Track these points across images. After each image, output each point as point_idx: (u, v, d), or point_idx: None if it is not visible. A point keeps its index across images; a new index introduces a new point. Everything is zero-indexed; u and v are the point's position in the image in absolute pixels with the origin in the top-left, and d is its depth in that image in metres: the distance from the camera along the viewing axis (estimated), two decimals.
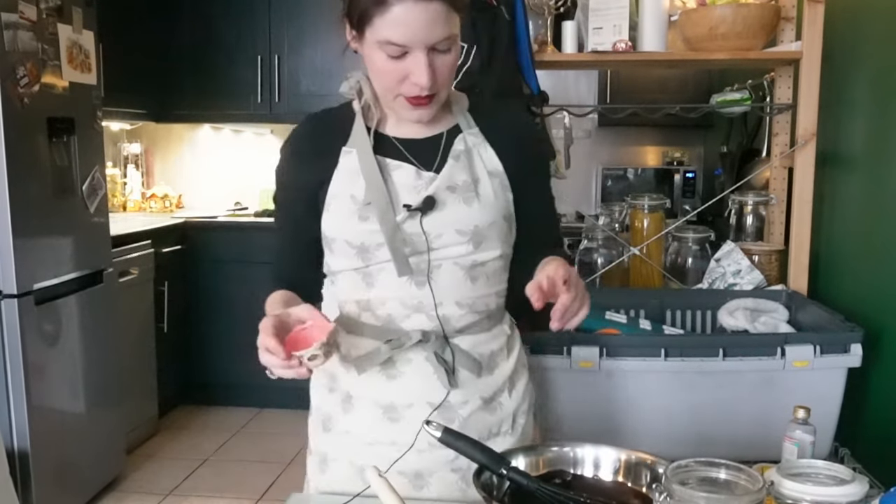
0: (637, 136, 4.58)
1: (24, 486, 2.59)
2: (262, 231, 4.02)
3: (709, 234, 2.27)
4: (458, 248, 1.18)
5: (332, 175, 1.19)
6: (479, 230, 1.18)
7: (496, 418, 1.25)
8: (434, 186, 1.17)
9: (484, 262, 1.21)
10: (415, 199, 1.16)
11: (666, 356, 1.58)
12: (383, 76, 1.13)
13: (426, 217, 1.16)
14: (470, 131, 1.23)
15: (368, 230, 1.16)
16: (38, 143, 2.69)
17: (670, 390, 1.60)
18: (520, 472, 1.07)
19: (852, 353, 1.59)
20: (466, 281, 1.20)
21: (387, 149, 1.20)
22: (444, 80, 1.13)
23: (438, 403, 1.20)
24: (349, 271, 1.22)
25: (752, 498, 0.89)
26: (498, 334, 1.27)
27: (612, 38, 1.99)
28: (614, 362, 1.58)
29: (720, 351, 1.59)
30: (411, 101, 1.13)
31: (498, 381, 1.26)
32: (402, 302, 1.20)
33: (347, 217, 1.17)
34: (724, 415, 1.61)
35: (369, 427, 1.22)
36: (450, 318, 1.20)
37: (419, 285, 1.18)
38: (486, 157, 1.22)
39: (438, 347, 1.20)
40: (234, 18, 4.18)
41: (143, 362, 3.61)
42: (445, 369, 1.19)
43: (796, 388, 1.58)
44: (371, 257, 1.18)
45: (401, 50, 1.08)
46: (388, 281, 1.19)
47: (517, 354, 1.31)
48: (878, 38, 1.82)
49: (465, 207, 1.17)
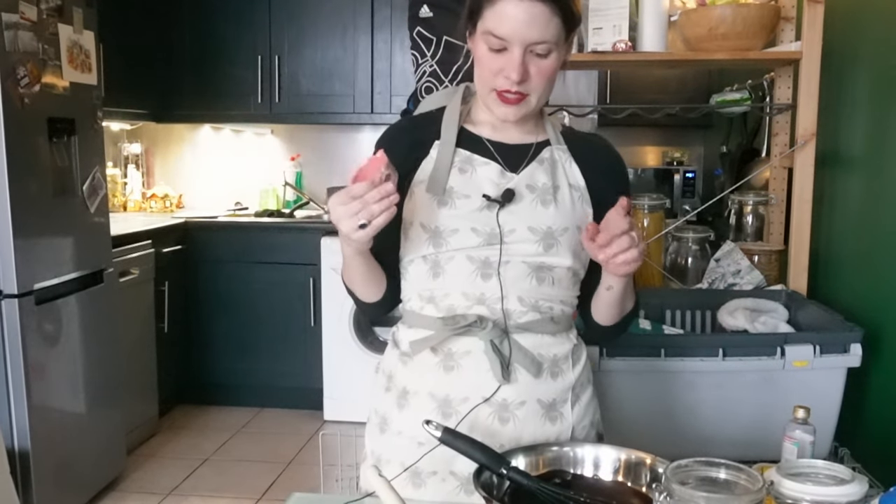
0: (637, 136, 4.58)
1: (24, 486, 2.60)
2: (262, 231, 4.03)
3: (709, 234, 2.27)
4: (529, 247, 1.20)
5: (420, 165, 1.24)
6: (552, 233, 1.21)
7: (555, 429, 1.23)
8: (515, 182, 1.21)
9: (552, 267, 1.22)
10: (496, 192, 1.20)
11: (666, 356, 1.58)
12: (482, 66, 1.19)
13: (503, 210, 1.19)
14: (559, 147, 1.27)
15: (445, 214, 1.19)
16: (39, 143, 2.69)
17: (670, 390, 1.60)
18: (520, 472, 1.07)
19: (852, 353, 1.59)
20: (532, 280, 1.21)
21: (477, 147, 1.25)
22: (536, 83, 1.17)
23: (489, 396, 1.19)
24: (419, 259, 1.23)
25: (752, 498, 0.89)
26: (563, 341, 1.26)
27: (612, 38, 1.99)
28: (614, 362, 1.58)
29: (720, 351, 1.59)
30: (501, 97, 1.18)
31: (559, 388, 1.24)
32: (465, 293, 1.20)
33: (428, 202, 1.20)
34: (724, 415, 1.61)
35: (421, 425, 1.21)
36: (512, 312, 1.21)
37: (485, 277, 1.20)
38: (570, 171, 1.26)
39: (496, 337, 1.19)
40: (234, 18, 4.18)
41: (143, 362, 3.61)
42: (501, 361, 1.18)
43: (796, 388, 1.58)
44: (443, 243, 1.20)
45: (501, 43, 1.14)
46: (455, 270, 1.20)
47: (583, 365, 1.29)
48: (878, 38, 1.82)
49: (541, 208, 1.21)
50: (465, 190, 1.21)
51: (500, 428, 1.20)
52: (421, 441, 1.20)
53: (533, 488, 1.05)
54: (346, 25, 4.14)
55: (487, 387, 1.19)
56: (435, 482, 1.23)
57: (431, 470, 1.22)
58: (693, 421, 1.60)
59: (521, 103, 1.18)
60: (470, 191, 1.20)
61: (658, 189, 4.26)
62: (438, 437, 1.09)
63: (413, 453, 1.21)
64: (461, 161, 1.23)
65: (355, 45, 4.14)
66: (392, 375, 1.28)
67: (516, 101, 1.18)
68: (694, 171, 4.34)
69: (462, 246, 1.19)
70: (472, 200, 1.20)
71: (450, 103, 1.29)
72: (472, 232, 1.19)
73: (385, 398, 1.28)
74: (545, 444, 1.18)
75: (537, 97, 1.19)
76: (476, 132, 1.26)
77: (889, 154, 1.74)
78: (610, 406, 1.60)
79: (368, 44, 4.13)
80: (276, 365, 3.99)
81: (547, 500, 1.04)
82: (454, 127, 1.25)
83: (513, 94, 1.17)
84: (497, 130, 1.26)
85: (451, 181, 1.21)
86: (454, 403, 1.21)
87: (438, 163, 1.22)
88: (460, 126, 1.25)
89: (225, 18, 4.19)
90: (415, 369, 1.24)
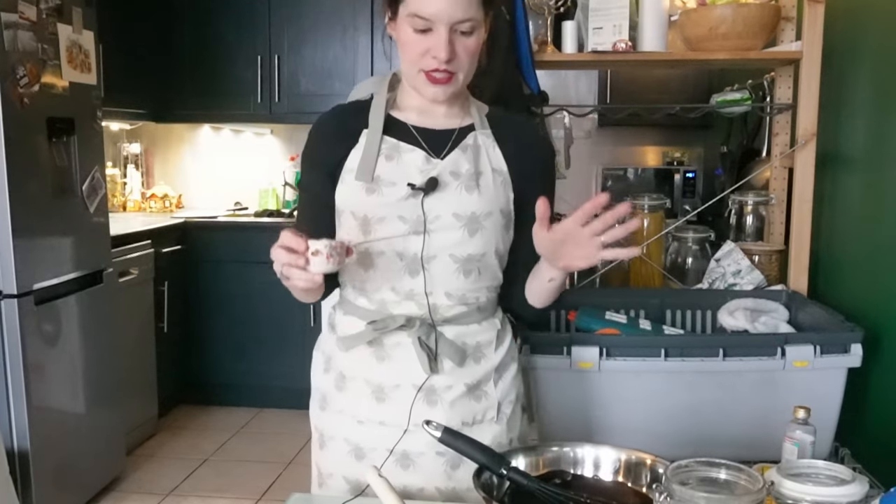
0: (637, 136, 4.58)
1: (24, 486, 2.60)
2: (262, 231, 4.03)
3: (709, 234, 2.27)
4: (454, 234, 1.24)
5: (350, 154, 1.27)
6: (476, 218, 1.24)
7: (481, 406, 1.30)
8: (438, 169, 1.24)
9: (478, 257, 1.26)
10: (420, 179, 1.23)
11: (666, 356, 1.58)
12: (408, 49, 1.21)
13: (427, 197, 1.22)
14: (483, 132, 1.30)
15: (373, 203, 1.23)
16: (38, 143, 2.69)
17: (670, 390, 1.60)
18: (520, 472, 1.07)
19: (852, 354, 1.59)
20: (459, 274, 1.26)
21: (403, 133, 1.28)
22: (462, 61, 1.21)
23: (420, 385, 1.26)
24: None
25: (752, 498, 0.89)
26: (488, 327, 1.32)
27: (612, 38, 1.99)
28: (614, 362, 1.58)
29: (720, 351, 1.58)
30: (429, 77, 1.21)
31: (483, 371, 1.31)
32: (394, 289, 1.26)
33: (356, 190, 1.24)
34: (724, 415, 1.60)
35: (360, 406, 1.29)
36: (439, 307, 1.27)
37: (412, 274, 1.25)
38: (492, 156, 1.29)
39: (423, 333, 1.26)
40: (234, 18, 4.18)
41: (143, 362, 3.61)
42: (427, 355, 1.25)
43: (796, 388, 1.58)
44: (371, 231, 1.24)
45: (426, 24, 1.17)
46: (384, 266, 1.25)
47: (507, 347, 1.36)
48: (878, 38, 1.82)
49: (465, 194, 1.24)
50: (392, 177, 1.24)
51: (428, 410, 1.27)
52: (360, 419, 1.29)
53: (533, 488, 1.05)
54: (345, 25, 4.14)
55: (417, 375, 1.27)
56: (425, 462, 1.27)
57: (419, 451, 1.27)
58: (693, 421, 1.60)
59: (450, 82, 1.21)
60: (396, 178, 1.24)
61: (658, 189, 4.26)
62: (438, 437, 1.10)
63: (354, 430, 1.30)
64: (388, 148, 1.26)
65: (355, 45, 4.14)
66: (330, 358, 1.35)
67: (445, 81, 1.21)
68: (694, 171, 4.34)
69: (389, 234, 1.24)
70: (398, 188, 1.23)
71: (377, 91, 1.31)
72: (398, 220, 1.23)
73: (325, 378, 1.35)
74: (545, 444, 1.18)
75: (464, 75, 1.23)
76: (402, 118, 1.29)
77: (889, 154, 1.74)
78: (610, 406, 1.60)
79: (368, 44, 4.12)
80: (276, 365, 3.99)
81: (547, 500, 1.04)
82: (381, 114, 1.28)
83: (441, 73, 1.20)
84: (423, 115, 1.29)
85: (379, 169, 1.24)
86: (387, 389, 1.28)
87: (366, 151, 1.25)
88: (387, 113, 1.29)
89: (225, 18, 4.18)
90: (350, 356, 1.31)
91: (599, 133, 4.54)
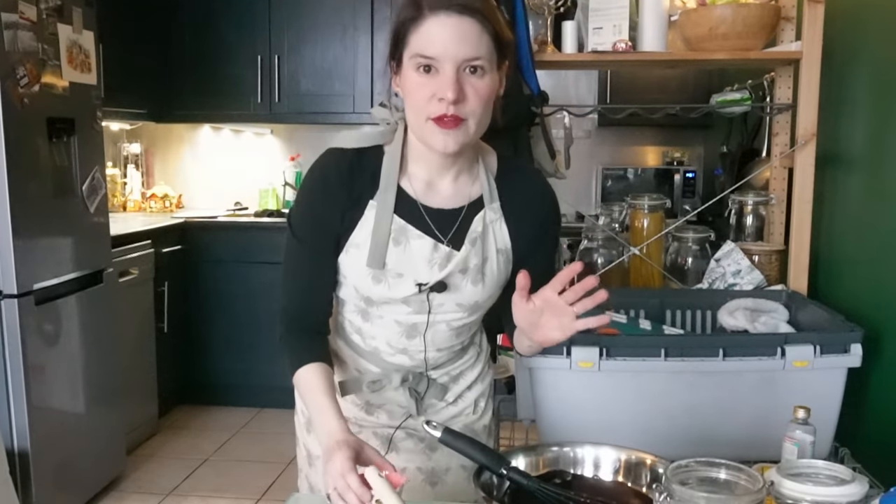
0: (637, 136, 4.58)
1: (24, 486, 2.60)
2: (262, 231, 4.03)
3: (709, 234, 2.27)
4: (455, 315, 1.28)
5: (357, 225, 1.21)
6: (478, 305, 1.28)
7: (458, 408, 1.39)
8: (447, 271, 1.21)
9: (471, 323, 1.33)
10: (428, 271, 1.21)
11: (666, 356, 1.58)
12: (413, 95, 1.13)
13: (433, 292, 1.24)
14: (491, 206, 1.24)
15: (379, 290, 1.23)
16: (38, 144, 2.69)
17: (670, 390, 1.60)
18: (520, 472, 1.07)
19: (852, 353, 1.59)
20: (453, 335, 1.32)
21: (410, 212, 1.22)
22: (474, 105, 1.11)
23: (398, 424, 1.35)
24: (352, 303, 1.31)
25: (752, 498, 0.90)
26: (471, 355, 1.40)
27: (612, 38, 1.99)
28: (614, 362, 1.58)
29: (720, 351, 1.58)
30: (438, 122, 1.12)
31: (462, 386, 1.39)
32: (390, 343, 1.30)
33: (363, 275, 1.22)
34: (724, 415, 1.60)
35: (422, 425, 1.24)
36: (429, 360, 1.33)
37: (410, 337, 1.29)
38: (499, 235, 1.26)
39: (414, 384, 1.33)
40: (234, 18, 4.18)
41: (143, 362, 3.61)
42: (416, 400, 1.33)
43: (796, 388, 1.58)
44: (374, 305, 1.26)
45: (430, 62, 1.10)
46: (383, 326, 1.28)
47: (482, 366, 1.43)
48: (878, 38, 1.82)
49: (471, 287, 1.24)
50: (399, 267, 1.21)
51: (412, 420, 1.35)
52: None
53: (533, 488, 1.05)
54: (345, 25, 4.14)
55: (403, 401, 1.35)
56: (407, 445, 1.36)
57: (401, 436, 1.36)
58: (693, 421, 1.60)
59: (460, 128, 1.12)
60: (403, 268, 1.21)
61: (658, 189, 4.26)
62: (438, 438, 1.10)
63: None
64: (396, 231, 1.20)
65: (355, 45, 4.14)
66: None
67: (454, 125, 1.11)
68: (694, 171, 4.34)
69: (392, 314, 1.26)
70: (405, 282, 1.21)
71: (389, 151, 1.23)
72: (402, 304, 1.24)
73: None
74: (545, 444, 1.18)
75: (476, 122, 1.13)
76: (410, 191, 1.22)
77: (889, 154, 1.74)
78: (610, 406, 1.60)
79: (368, 44, 4.12)
80: (276, 365, 3.95)
81: (547, 500, 1.04)
82: (392, 188, 1.20)
83: (450, 118, 1.10)
84: (430, 189, 1.23)
85: (387, 256, 1.20)
86: (373, 407, 1.37)
87: (376, 234, 1.19)
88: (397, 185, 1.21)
89: (225, 18, 4.18)
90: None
91: (599, 133, 4.55)
